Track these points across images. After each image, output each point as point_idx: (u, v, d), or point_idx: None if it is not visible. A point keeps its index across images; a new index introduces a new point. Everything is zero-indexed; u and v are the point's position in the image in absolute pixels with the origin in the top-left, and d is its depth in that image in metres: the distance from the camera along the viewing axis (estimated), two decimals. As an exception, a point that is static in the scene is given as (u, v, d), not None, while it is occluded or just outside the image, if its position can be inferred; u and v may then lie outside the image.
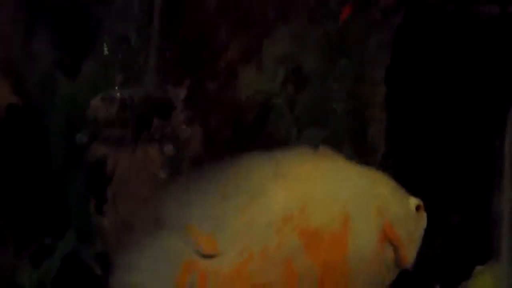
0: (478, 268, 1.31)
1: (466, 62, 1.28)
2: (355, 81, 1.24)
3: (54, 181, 1.21)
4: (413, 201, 0.83)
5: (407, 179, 1.31)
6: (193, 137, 1.01)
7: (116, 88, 1.05)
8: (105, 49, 1.11)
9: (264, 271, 0.68)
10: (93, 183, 1.01)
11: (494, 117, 1.22)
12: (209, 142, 1.11)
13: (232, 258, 0.68)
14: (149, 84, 1.06)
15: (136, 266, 0.70)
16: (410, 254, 0.79)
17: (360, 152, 1.25)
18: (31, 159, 1.23)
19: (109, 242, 1.01)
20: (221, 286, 0.68)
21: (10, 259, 1.19)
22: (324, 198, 0.72)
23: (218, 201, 0.70)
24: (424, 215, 0.84)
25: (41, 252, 1.20)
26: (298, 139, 1.22)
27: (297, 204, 0.70)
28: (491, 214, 1.23)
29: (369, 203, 0.75)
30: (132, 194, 0.97)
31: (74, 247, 1.18)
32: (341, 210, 0.72)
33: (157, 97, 1.03)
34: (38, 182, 1.24)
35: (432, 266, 1.29)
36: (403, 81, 1.29)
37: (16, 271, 1.17)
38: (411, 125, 1.33)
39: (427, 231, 1.29)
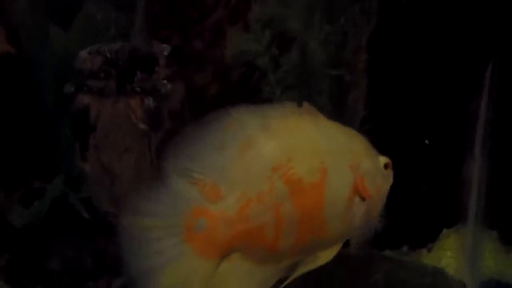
0: (445, 231, 1.38)
1: (445, 30, 1.31)
2: (338, 46, 1.28)
3: (44, 127, 1.27)
4: (383, 160, 0.89)
5: (383, 144, 1.37)
6: (175, 92, 1.06)
7: (103, 42, 1.09)
8: (95, 5, 1.15)
9: (259, 214, 0.74)
10: (78, 131, 1.06)
11: (470, 84, 1.25)
12: (193, 99, 1.16)
13: (233, 202, 0.73)
14: (135, 39, 1.10)
15: (148, 210, 0.74)
16: (376, 208, 0.85)
17: (339, 115, 1.30)
18: (22, 106, 1.28)
19: (91, 187, 1.08)
20: (226, 228, 0.73)
21: (1, 200, 1.26)
22: (306, 151, 0.77)
23: (217, 152, 0.74)
24: (391, 173, 0.90)
25: (31, 195, 1.27)
26: (281, 99, 1.27)
27: (284, 155, 0.75)
28: (461, 180, 1.28)
29: (344, 158, 0.80)
30: (113, 143, 1.03)
31: (62, 191, 1.25)
32: (319, 163, 0.77)
33: (141, 52, 1.07)
34: (28, 128, 1.30)
35: (401, 228, 1.35)
36: (385, 48, 1.32)
37: (7, 211, 1.24)
38: (390, 91, 1.37)
39: (397, 193, 1.35)
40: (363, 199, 0.82)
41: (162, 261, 0.73)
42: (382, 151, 1.40)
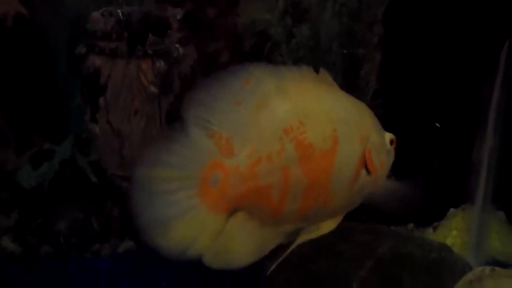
0: (452, 210, 1.37)
1: (462, 8, 1.28)
2: (353, 19, 1.26)
3: (56, 89, 1.27)
4: (388, 136, 0.88)
5: (394, 120, 1.36)
6: (187, 57, 1.05)
7: (117, 4, 1.09)
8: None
9: (268, 174, 0.75)
10: (88, 92, 1.06)
11: (485, 64, 1.23)
12: (204, 65, 1.15)
13: (245, 159, 0.74)
14: (149, 2, 1.09)
15: (166, 161, 0.74)
16: (379, 183, 0.85)
17: (351, 89, 1.29)
18: (34, 67, 1.29)
19: (100, 149, 1.08)
20: (238, 184, 0.74)
21: (12, 158, 1.27)
22: (318, 117, 0.78)
23: (233, 107, 0.75)
24: (393, 150, 0.90)
25: (40, 156, 1.28)
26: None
27: (296, 118, 0.76)
28: (470, 160, 1.27)
29: (356, 130, 0.81)
30: (123, 105, 1.03)
31: (71, 153, 1.26)
32: (332, 131, 0.77)
33: (154, 15, 1.06)
34: (40, 89, 1.31)
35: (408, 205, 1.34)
36: (400, 23, 1.30)
37: (17, 170, 1.26)
38: (403, 67, 1.35)
39: (407, 171, 1.34)
40: (368, 172, 0.82)
41: (174, 214, 0.74)
42: (392, 126, 1.40)
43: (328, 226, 0.84)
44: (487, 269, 0.81)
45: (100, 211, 1.29)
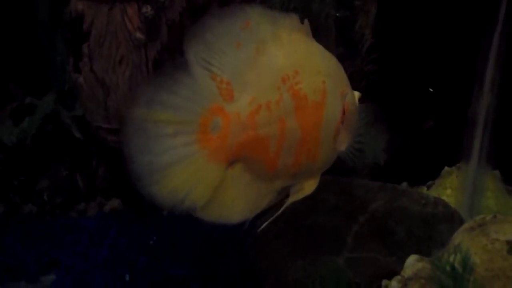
0: (446, 169, 1.35)
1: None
2: (348, -32, 1.21)
3: (37, 41, 1.21)
4: (357, 94, 0.86)
5: (387, 75, 1.32)
6: (174, 2, 1.00)
7: None
8: None
9: (267, 123, 0.72)
10: (71, 40, 1.01)
11: (482, 19, 1.20)
12: (192, 14, 1.10)
13: (246, 105, 0.71)
14: None
15: (164, 102, 0.70)
16: (349, 139, 0.83)
17: (346, 41, 1.25)
18: (15, 17, 1.22)
19: (84, 100, 1.03)
20: (238, 132, 0.71)
21: (-9, 113, 1.22)
22: (310, 68, 0.76)
23: (233, 50, 0.71)
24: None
25: (22, 110, 1.23)
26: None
27: (291, 67, 0.74)
28: (466, 117, 1.25)
29: (338, 83, 0.79)
30: (107, 53, 0.98)
31: (54, 108, 1.21)
32: (321, 83, 0.76)
33: (139, -43, 1.01)
34: (21, 41, 1.25)
35: (401, 164, 1.32)
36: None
37: (-4, 127, 1.21)
38: (399, 21, 1.31)
39: (400, 128, 1.31)
40: (343, 128, 0.80)
41: (171, 160, 0.69)
42: (387, 82, 1.36)
43: (311, 185, 0.81)
44: (489, 216, 0.79)
45: (85, 169, 1.25)
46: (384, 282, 0.79)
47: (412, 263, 0.75)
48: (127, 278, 1.06)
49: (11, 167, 1.23)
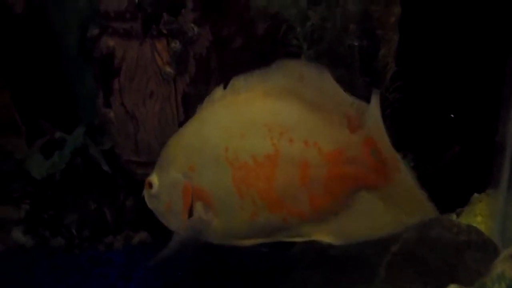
0: (476, 195, 1.33)
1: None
2: (369, 0, 1.23)
3: (67, 76, 1.24)
4: None
5: (413, 103, 1.32)
6: (202, 37, 1.02)
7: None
8: None
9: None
10: (101, 75, 1.03)
11: (507, 42, 1.19)
12: (219, 47, 1.12)
13: None
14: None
15: None
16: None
17: (369, 71, 1.25)
18: (44, 53, 1.25)
19: (114, 134, 1.05)
20: None
21: (23, 148, 1.24)
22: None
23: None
24: None
25: (51, 145, 1.25)
26: (308, 54, 1.22)
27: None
28: (494, 144, 1.23)
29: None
30: (137, 87, 1.00)
31: (83, 142, 1.23)
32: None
33: (168, -6, 1.03)
34: (50, 76, 1.28)
35: (430, 191, 1.30)
36: (418, 3, 1.26)
37: (27, 160, 1.22)
38: (422, 48, 1.32)
39: (427, 155, 1.30)
40: None
41: None
42: (412, 109, 1.35)
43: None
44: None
45: (113, 202, 1.26)
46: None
47: (451, 293, 0.74)
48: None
49: (41, 200, 1.24)
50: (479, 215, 1.31)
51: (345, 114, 0.75)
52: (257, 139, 0.75)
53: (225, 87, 0.78)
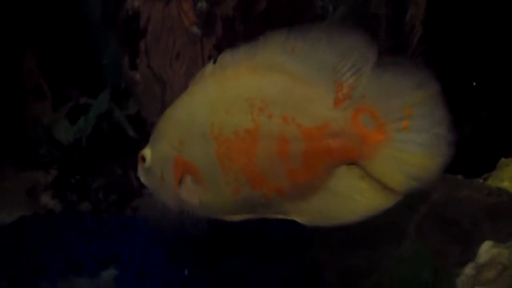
0: (503, 160, 1.31)
1: None
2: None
3: (90, 40, 1.24)
4: None
5: (440, 66, 1.30)
6: (228, -3, 1.01)
7: None
8: None
9: None
10: (127, 37, 1.03)
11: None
12: (244, 9, 1.10)
13: None
14: None
15: None
16: None
17: (396, 34, 1.23)
18: (68, 17, 1.25)
19: (141, 97, 1.05)
20: None
21: (49, 113, 1.25)
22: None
23: None
24: None
25: (77, 110, 1.25)
26: (333, 16, 1.20)
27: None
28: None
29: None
30: (164, 49, 0.99)
31: (108, 106, 1.23)
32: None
33: (193, -46, 1.02)
34: (75, 41, 1.28)
35: (456, 156, 1.29)
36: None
37: (54, 125, 1.23)
38: (450, 11, 1.29)
39: (454, 120, 1.29)
40: None
41: None
42: (439, 73, 1.33)
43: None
44: None
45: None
46: (456, 270, 0.78)
47: (487, 249, 0.74)
48: (186, 272, 1.06)
49: (68, 165, 1.26)
50: (506, 180, 1.29)
51: (335, 86, 0.73)
52: (239, 114, 0.75)
53: (214, 62, 0.77)
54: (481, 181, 1.34)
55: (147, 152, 0.84)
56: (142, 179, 0.87)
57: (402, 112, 0.73)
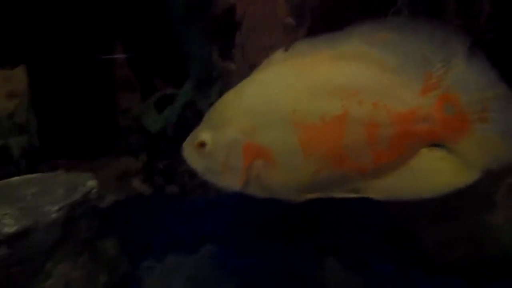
0: None
1: None
2: None
3: (175, 34, 1.29)
4: None
5: (508, 44, 1.32)
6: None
7: None
8: None
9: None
10: (221, 30, 1.08)
11: None
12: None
13: None
14: None
15: None
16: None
17: (464, 13, 1.27)
18: (156, 11, 1.30)
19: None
20: None
21: (138, 104, 1.31)
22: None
23: None
24: None
25: (164, 100, 1.32)
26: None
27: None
28: None
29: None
30: (259, 40, 1.04)
31: (192, 96, 1.29)
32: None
33: None
34: (161, 34, 1.33)
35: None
36: None
37: (143, 115, 1.30)
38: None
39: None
40: None
41: None
42: (506, 50, 1.36)
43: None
44: None
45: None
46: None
47: None
48: (280, 247, 1.13)
49: (156, 152, 1.33)
50: None
51: (425, 75, 0.77)
52: (326, 101, 0.76)
53: (286, 50, 0.79)
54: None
55: (207, 137, 0.83)
56: (195, 164, 0.86)
57: (483, 103, 0.77)
